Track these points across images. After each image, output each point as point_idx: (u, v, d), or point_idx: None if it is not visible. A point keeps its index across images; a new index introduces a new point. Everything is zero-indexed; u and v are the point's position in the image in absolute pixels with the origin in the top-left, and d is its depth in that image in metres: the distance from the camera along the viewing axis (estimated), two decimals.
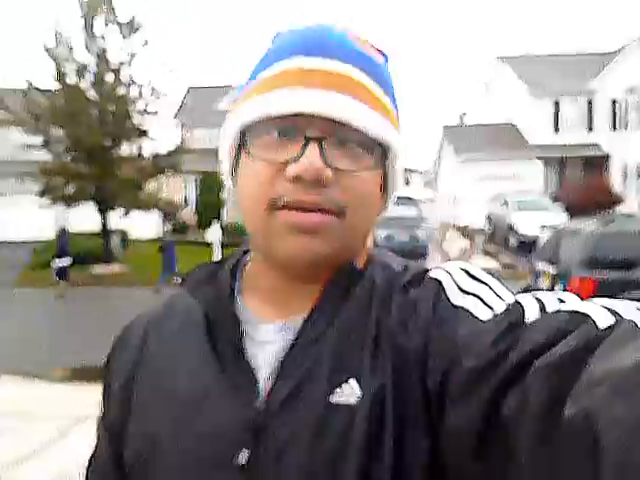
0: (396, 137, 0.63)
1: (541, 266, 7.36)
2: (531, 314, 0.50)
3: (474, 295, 0.58)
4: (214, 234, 14.77)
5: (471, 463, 0.48)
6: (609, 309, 0.45)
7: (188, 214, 21.96)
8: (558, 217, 15.68)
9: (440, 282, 0.61)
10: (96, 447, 0.75)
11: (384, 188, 0.66)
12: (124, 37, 15.07)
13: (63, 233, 13.58)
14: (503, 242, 17.20)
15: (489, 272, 0.62)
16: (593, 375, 0.38)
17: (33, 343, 7.89)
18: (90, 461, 0.76)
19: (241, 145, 0.62)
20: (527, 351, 0.46)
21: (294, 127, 0.58)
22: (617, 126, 23.58)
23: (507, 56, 26.78)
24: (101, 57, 14.93)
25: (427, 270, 0.64)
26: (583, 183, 21.47)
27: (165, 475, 0.61)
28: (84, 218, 18.54)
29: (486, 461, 0.47)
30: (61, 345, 7.92)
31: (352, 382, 0.57)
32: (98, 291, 12.93)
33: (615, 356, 0.38)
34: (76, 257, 15.24)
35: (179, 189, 23.98)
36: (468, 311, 0.56)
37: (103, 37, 14.95)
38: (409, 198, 20.85)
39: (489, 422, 0.46)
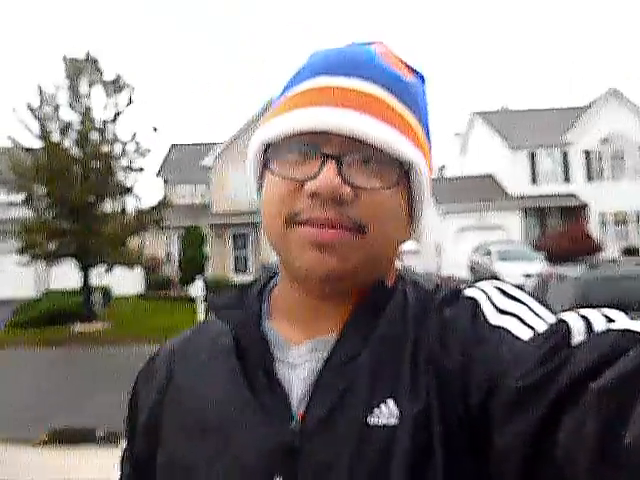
0: (419, 156, 0.61)
1: None
2: (578, 333, 0.47)
3: (513, 315, 0.57)
4: (197, 289, 14.47)
5: None
6: None
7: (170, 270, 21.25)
8: (540, 265, 15.79)
9: (476, 301, 0.60)
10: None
11: (411, 210, 0.64)
12: (109, 96, 15.28)
13: None
14: None
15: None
16: None
17: (14, 405, 7.53)
18: None
19: (265, 162, 0.64)
20: (579, 372, 0.43)
21: (314, 145, 0.59)
22: (592, 176, 24.22)
23: (483, 111, 27.66)
24: (85, 115, 15.07)
25: (460, 289, 0.63)
26: (564, 232, 21.79)
27: None
28: (65, 275, 18.28)
29: None
30: (44, 406, 7.51)
31: (390, 402, 0.56)
32: (79, 350, 12.51)
33: None
34: (56, 315, 14.84)
35: (162, 245, 23.89)
36: (508, 331, 0.55)
37: (88, 95, 15.13)
38: None
39: (540, 442, 0.44)
